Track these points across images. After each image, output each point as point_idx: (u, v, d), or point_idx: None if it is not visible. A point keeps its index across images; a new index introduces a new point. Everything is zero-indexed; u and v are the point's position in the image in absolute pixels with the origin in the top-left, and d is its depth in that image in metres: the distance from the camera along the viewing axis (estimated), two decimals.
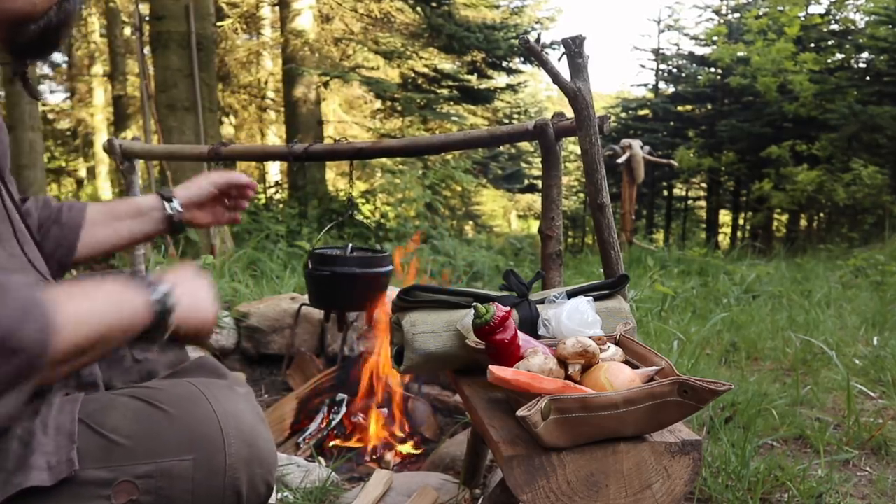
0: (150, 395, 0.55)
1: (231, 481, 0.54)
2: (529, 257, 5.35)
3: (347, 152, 1.36)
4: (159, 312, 0.57)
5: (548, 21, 8.66)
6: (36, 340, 0.45)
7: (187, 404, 0.55)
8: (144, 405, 0.54)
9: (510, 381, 0.62)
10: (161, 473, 0.51)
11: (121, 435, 0.52)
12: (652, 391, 0.60)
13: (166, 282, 0.59)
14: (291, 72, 5.86)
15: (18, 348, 0.44)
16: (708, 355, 1.93)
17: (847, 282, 3.61)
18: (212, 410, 0.55)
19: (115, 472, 0.51)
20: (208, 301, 0.65)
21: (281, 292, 2.40)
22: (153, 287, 0.58)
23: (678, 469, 0.64)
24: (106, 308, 0.53)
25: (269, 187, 7.02)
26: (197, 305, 0.63)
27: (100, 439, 0.51)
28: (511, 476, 0.61)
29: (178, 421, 0.53)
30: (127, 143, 1.60)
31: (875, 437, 1.31)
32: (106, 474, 0.50)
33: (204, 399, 0.56)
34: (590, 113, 1.07)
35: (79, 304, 0.51)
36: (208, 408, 0.55)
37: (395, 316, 0.88)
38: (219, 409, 0.55)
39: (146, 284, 0.58)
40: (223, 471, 0.53)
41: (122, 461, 0.51)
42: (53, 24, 0.59)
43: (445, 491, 1.06)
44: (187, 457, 0.52)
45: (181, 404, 0.55)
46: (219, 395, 0.57)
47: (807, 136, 7.55)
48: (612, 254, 1.09)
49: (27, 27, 0.58)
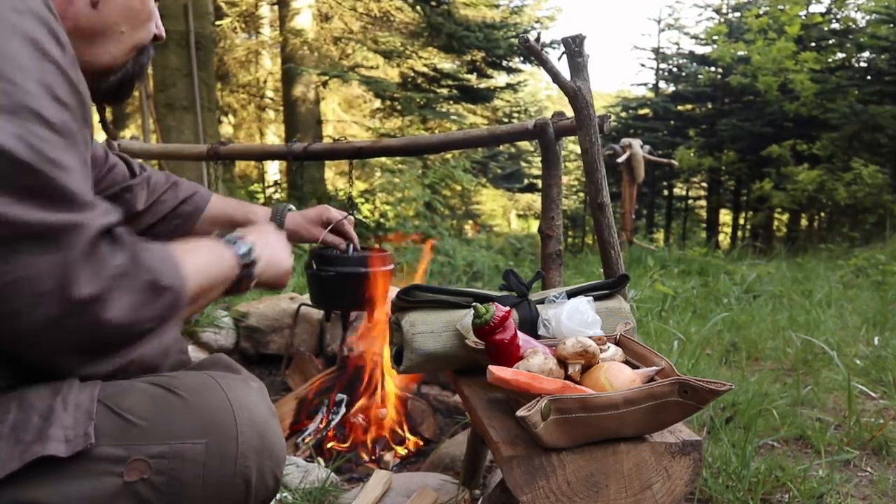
0: (168, 382, 0.57)
1: (241, 469, 0.55)
2: (529, 257, 5.35)
3: (347, 152, 1.36)
4: (246, 265, 0.67)
5: (547, 20, 8.64)
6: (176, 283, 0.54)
7: (203, 392, 0.57)
8: (161, 390, 0.56)
9: (510, 382, 0.62)
10: (174, 455, 0.53)
11: (137, 416, 0.53)
12: (652, 391, 0.60)
13: (249, 238, 0.69)
14: (290, 71, 5.86)
15: (166, 287, 0.53)
16: (708, 355, 1.93)
17: (848, 281, 3.61)
18: (226, 399, 0.56)
19: (129, 450, 0.52)
20: (285, 253, 0.76)
21: (280, 292, 2.40)
22: (240, 243, 0.67)
23: (678, 469, 0.64)
24: (211, 261, 0.62)
25: (267, 187, 7.02)
26: (276, 257, 0.73)
27: (116, 418, 0.53)
28: (511, 476, 0.61)
29: (193, 406, 0.55)
30: (126, 142, 1.60)
31: (876, 437, 1.31)
32: (120, 452, 0.52)
33: (219, 388, 0.57)
34: (590, 112, 1.07)
35: (194, 257, 0.59)
36: (223, 396, 0.57)
37: (394, 316, 0.88)
38: (233, 398, 0.57)
39: (234, 241, 0.68)
40: (234, 458, 0.54)
41: (137, 441, 0.52)
42: (130, 75, 0.68)
43: (445, 491, 1.06)
44: (200, 441, 0.53)
45: (197, 391, 0.56)
46: (234, 386, 0.59)
47: (807, 135, 7.54)
48: (612, 253, 1.09)
49: (108, 78, 0.66)
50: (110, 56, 0.65)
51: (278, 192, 6.73)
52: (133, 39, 0.66)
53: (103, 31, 0.63)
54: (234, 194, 5.59)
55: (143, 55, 0.69)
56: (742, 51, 7.92)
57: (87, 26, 0.62)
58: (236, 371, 0.66)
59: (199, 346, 1.89)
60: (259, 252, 0.69)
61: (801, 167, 7.04)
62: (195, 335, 1.91)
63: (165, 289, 0.53)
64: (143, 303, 0.51)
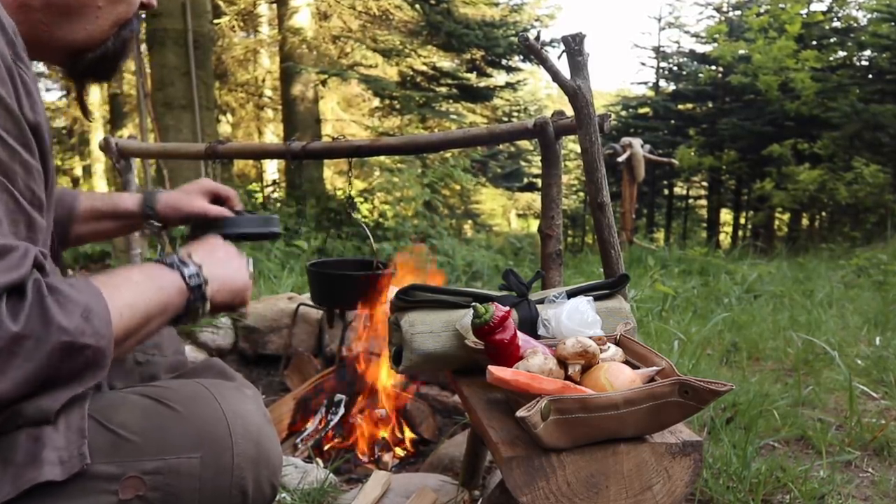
0: (159, 394, 0.56)
1: (238, 481, 0.54)
2: (529, 257, 5.34)
3: (346, 150, 1.35)
4: (194, 289, 0.59)
5: (547, 18, 8.61)
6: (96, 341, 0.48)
7: (196, 403, 0.55)
8: (153, 403, 0.55)
9: (509, 382, 0.62)
10: (169, 470, 0.52)
11: (129, 431, 0.52)
12: (652, 392, 0.60)
13: (195, 257, 0.61)
14: (289, 70, 5.84)
15: (83, 346, 0.47)
16: (709, 355, 1.92)
17: (849, 281, 3.60)
18: (220, 410, 0.55)
19: (122, 466, 0.51)
20: (240, 267, 0.67)
21: (278, 292, 2.40)
22: (184, 265, 0.60)
23: (679, 470, 0.64)
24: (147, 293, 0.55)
25: (266, 186, 6.99)
26: (229, 275, 0.64)
27: (109, 434, 0.52)
28: (510, 477, 0.61)
29: (187, 419, 0.54)
30: (123, 141, 1.59)
31: (877, 437, 1.30)
32: (114, 469, 0.50)
33: (212, 398, 0.56)
34: (590, 111, 1.06)
35: (125, 293, 0.53)
36: (216, 407, 0.55)
37: (393, 316, 0.87)
38: (227, 408, 0.56)
39: (176, 263, 0.60)
40: (230, 470, 0.54)
41: (131, 457, 0.51)
42: (111, 52, 0.63)
43: (444, 492, 1.06)
44: (195, 455, 0.52)
45: (190, 403, 0.55)
46: (227, 395, 0.58)
47: (808, 134, 7.52)
48: (613, 253, 1.08)
49: (86, 56, 0.61)
50: (86, 33, 0.60)
51: (277, 191, 6.71)
52: (112, 15, 0.61)
53: (78, 7, 0.58)
54: None
55: (126, 30, 0.64)
56: (743, 49, 7.91)
57: (61, 2, 0.57)
58: (230, 377, 0.65)
59: (197, 346, 1.89)
60: (209, 271, 0.60)
61: (802, 167, 7.03)
62: (193, 335, 1.91)
63: (83, 348, 0.47)
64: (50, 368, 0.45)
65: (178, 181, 3.73)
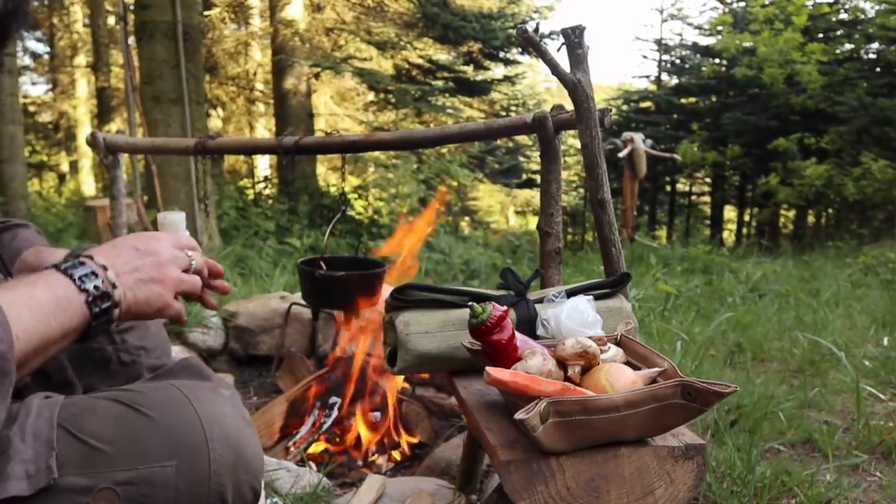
0: (132, 399, 0.54)
1: (216, 488, 0.52)
2: (528, 255, 5.33)
3: (339, 145, 1.33)
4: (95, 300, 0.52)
5: (546, 10, 8.52)
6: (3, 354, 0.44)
7: (170, 409, 0.53)
8: (125, 409, 0.53)
9: (507, 383, 0.61)
10: (142, 480, 0.50)
11: (101, 440, 0.50)
12: (654, 393, 0.59)
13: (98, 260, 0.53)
14: (281, 63, 5.79)
15: None
16: (712, 356, 1.90)
17: (856, 280, 3.57)
18: (195, 415, 0.53)
19: (94, 478, 0.49)
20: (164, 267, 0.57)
21: (270, 291, 2.37)
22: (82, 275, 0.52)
23: (681, 474, 0.63)
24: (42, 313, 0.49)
25: (257, 182, 6.96)
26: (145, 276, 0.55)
27: (79, 445, 0.50)
28: (508, 481, 0.60)
29: (161, 426, 0.52)
30: (111, 136, 1.56)
31: (885, 440, 1.28)
32: (85, 481, 0.49)
33: (187, 403, 0.54)
34: (590, 105, 1.04)
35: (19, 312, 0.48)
36: (192, 412, 0.53)
37: (388, 315, 0.87)
38: (203, 413, 0.54)
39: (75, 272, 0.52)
40: (207, 477, 0.52)
41: (103, 467, 0.50)
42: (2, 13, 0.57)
43: (440, 497, 1.04)
44: (169, 463, 0.51)
45: (163, 409, 0.53)
46: (203, 398, 0.55)
47: (815, 129, 7.44)
48: (613, 251, 1.06)
49: None
50: None
51: (269, 187, 6.66)
52: None
53: None
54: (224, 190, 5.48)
55: None
56: (747, 42, 7.83)
57: None
58: (206, 377, 0.63)
59: (187, 346, 1.86)
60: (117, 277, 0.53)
61: (808, 162, 6.96)
62: (182, 335, 1.88)
63: None
64: None
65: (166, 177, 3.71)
